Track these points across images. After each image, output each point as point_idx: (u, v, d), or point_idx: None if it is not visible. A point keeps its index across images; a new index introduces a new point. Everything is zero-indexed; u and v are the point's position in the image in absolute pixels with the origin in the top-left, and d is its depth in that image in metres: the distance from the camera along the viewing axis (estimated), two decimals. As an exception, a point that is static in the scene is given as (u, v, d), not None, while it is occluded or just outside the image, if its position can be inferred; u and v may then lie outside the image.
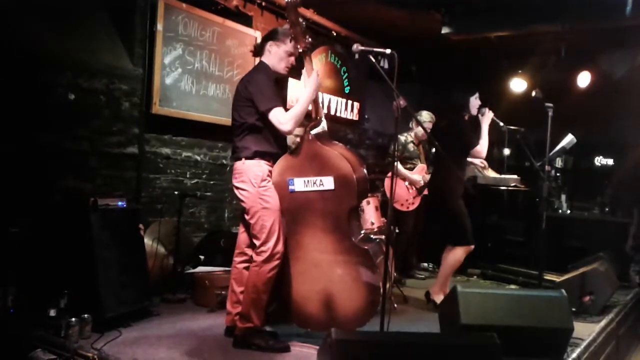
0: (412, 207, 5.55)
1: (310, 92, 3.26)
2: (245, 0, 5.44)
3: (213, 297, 4.07)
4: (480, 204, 6.04)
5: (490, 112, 4.45)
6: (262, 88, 3.20)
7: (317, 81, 3.27)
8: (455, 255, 4.42)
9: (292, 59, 3.38)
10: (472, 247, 4.42)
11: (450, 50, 6.77)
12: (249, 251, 3.41)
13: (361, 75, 7.28)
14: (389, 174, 5.63)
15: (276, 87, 3.34)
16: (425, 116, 5.66)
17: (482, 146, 4.41)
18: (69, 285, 3.41)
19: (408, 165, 5.59)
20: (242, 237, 3.46)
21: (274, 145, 3.30)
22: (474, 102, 4.45)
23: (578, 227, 6.67)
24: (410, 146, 5.63)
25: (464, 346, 2.53)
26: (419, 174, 5.56)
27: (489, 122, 4.45)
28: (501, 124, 4.59)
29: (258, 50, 3.43)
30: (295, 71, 3.63)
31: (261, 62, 3.40)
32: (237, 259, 3.47)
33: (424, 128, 4.66)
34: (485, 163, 5.12)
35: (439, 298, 4.42)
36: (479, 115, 4.48)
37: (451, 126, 4.51)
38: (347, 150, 3.41)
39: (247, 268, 3.39)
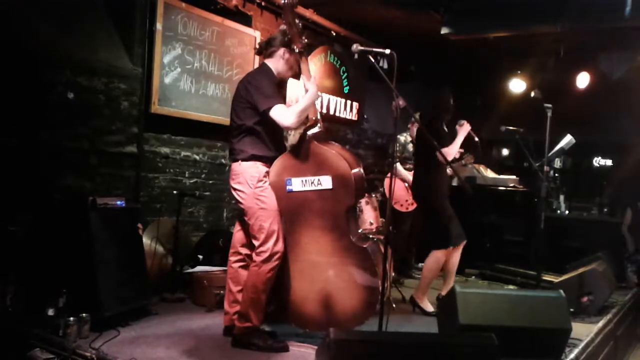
0: (411, 208, 5.55)
1: (313, 93, 3.25)
2: (245, -1, 5.45)
3: (211, 297, 4.07)
4: (478, 204, 6.05)
5: (468, 125, 4.42)
6: (262, 88, 3.20)
7: (315, 85, 3.28)
8: (433, 259, 4.36)
9: (297, 66, 3.40)
10: (451, 248, 4.37)
11: (449, 51, 6.78)
12: (244, 250, 3.42)
13: (360, 75, 7.28)
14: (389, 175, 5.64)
15: (277, 87, 3.34)
16: None
17: (449, 151, 4.28)
18: (68, 284, 3.40)
19: (408, 166, 5.58)
20: (237, 236, 3.46)
21: (272, 149, 3.30)
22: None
23: (576, 228, 6.67)
24: (410, 146, 5.63)
25: (462, 346, 2.53)
26: None
27: (465, 134, 4.41)
28: (476, 138, 4.56)
29: (262, 50, 3.42)
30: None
31: (264, 64, 3.39)
32: (232, 258, 3.47)
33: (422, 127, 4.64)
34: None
35: (425, 305, 4.40)
36: (457, 126, 4.46)
37: (429, 124, 4.49)
38: (344, 149, 3.42)
39: (242, 267, 3.41)
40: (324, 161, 3.25)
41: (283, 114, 3.14)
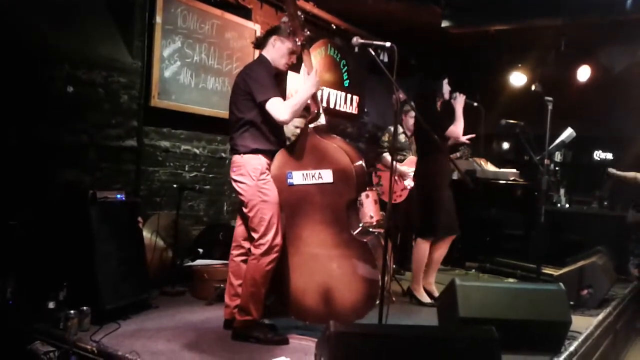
0: (399, 200, 5.55)
1: (309, 87, 3.25)
2: (245, -8, 5.43)
3: (211, 290, 4.07)
4: (479, 198, 6.04)
5: (462, 95, 4.44)
6: (260, 79, 3.20)
7: (316, 79, 3.26)
8: (417, 248, 4.42)
9: (294, 57, 3.38)
10: (433, 239, 4.41)
11: (449, 44, 6.76)
12: (246, 244, 3.42)
13: (361, 68, 7.27)
14: (378, 166, 5.65)
15: (275, 79, 3.34)
16: None
17: (458, 127, 4.36)
18: (68, 277, 3.41)
19: (398, 157, 5.56)
20: (239, 230, 3.46)
21: (273, 142, 3.30)
22: (445, 86, 4.45)
23: (576, 221, 6.66)
24: (402, 137, 5.61)
25: (462, 339, 2.53)
26: (409, 165, 5.51)
27: (462, 105, 4.43)
28: (475, 104, 4.55)
29: (260, 43, 3.41)
30: (295, 64, 3.62)
31: (262, 56, 3.38)
32: (234, 252, 3.48)
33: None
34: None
35: (422, 295, 4.42)
36: (452, 101, 4.46)
37: (422, 112, 4.48)
38: (345, 143, 3.41)
39: (244, 261, 3.40)
40: (325, 155, 3.25)
41: (277, 109, 3.14)
